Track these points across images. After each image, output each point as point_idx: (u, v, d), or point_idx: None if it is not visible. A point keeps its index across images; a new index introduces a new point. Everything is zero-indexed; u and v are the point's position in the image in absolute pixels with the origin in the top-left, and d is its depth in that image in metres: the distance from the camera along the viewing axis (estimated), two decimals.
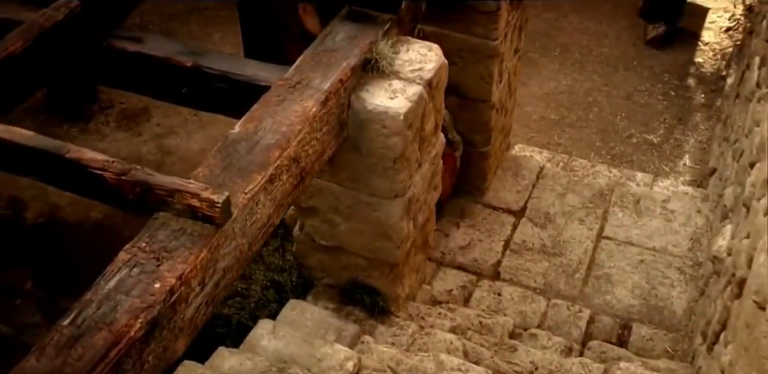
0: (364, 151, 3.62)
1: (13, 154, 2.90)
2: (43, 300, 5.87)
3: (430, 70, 3.67)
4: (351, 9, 3.81)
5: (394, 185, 3.69)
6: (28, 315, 5.75)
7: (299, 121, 3.15)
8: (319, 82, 3.36)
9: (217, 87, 3.78)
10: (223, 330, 4.33)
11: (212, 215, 2.62)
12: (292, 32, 6.38)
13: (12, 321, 5.71)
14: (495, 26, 4.79)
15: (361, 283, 4.16)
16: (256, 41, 6.16)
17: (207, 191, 2.64)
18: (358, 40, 3.62)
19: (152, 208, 2.74)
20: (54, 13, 3.78)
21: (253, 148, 3.01)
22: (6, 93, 3.59)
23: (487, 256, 5.12)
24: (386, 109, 3.45)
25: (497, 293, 4.83)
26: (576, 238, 5.22)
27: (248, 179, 2.87)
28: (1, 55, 3.52)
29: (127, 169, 2.75)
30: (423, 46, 3.82)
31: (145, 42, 3.95)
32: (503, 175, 5.72)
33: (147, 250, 2.59)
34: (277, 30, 6.11)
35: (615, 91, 7.62)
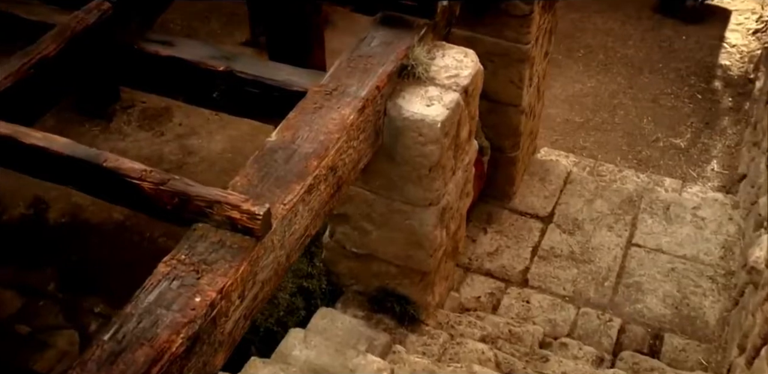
0: (399, 159, 3.56)
1: (50, 162, 2.85)
2: (66, 301, 5.85)
3: (467, 77, 3.61)
4: (386, 14, 3.75)
5: (429, 193, 3.63)
6: (51, 317, 5.73)
7: (337, 129, 3.10)
8: (356, 88, 3.31)
9: (250, 92, 3.73)
10: (249, 337, 4.29)
11: (252, 227, 2.57)
12: (317, 33, 6.36)
13: (35, 322, 5.69)
14: (527, 30, 4.72)
15: (392, 291, 4.11)
16: (281, 42, 6.12)
17: (247, 203, 2.59)
18: (393, 45, 3.56)
19: (190, 219, 2.69)
20: (86, 16, 3.75)
21: (291, 157, 2.96)
22: (39, 96, 3.55)
23: (515, 263, 5.06)
24: (423, 117, 3.39)
25: (526, 300, 4.77)
26: (605, 245, 5.15)
27: (287, 189, 2.82)
28: (35, 58, 3.49)
29: (166, 179, 2.70)
30: (459, 52, 3.76)
31: (177, 45, 3.91)
32: (530, 180, 5.65)
33: (186, 263, 2.54)
34: (302, 31, 6.07)
35: (640, 94, 7.54)
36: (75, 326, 5.66)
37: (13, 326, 5.68)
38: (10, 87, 3.35)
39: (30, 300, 5.87)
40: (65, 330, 5.65)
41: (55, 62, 3.58)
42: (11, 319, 5.75)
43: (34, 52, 3.53)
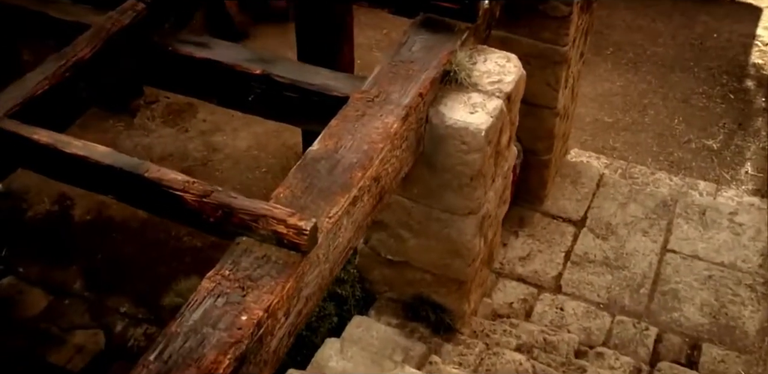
0: (440, 167, 3.48)
1: (90, 171, 2.80)
2: (92, 300, 5.82)
3: (510, 83, 3.53)
4: (426, 16, 3.66)
5: (469, 202, 3.55)
6: (77, 316, 5.70)
7: (380, 138, 3.02)
8: (399, 96, 3.23)
9: (287, 96, 3.65)
10: None
11: (299, 243, 2.51)
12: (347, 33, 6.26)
13: (60, 322, 5.67)
14: (566, 32, 4.62)
15: (427, 299, 4.04)
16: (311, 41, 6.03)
17: (294, 217, 2.52)
18: (435, 50, 3.48)
19: (234, 232, 2.63)
20: (120, 17, 3.69)
21: (335, 168, 2.88)
22: (73, 100, 3.49)
23: (547, 268, 4.98)
24: (466, 125, 3.31)
25: (559, 307, 4.69)
26: (640, 251, 5.06)
27: (331, 202, 2.75)
28: (70, 61, 3.43)
29: (209, 191, 2.64)
30: (501, 57, 3.67)
31: (212, 47, 3.84)
32: (562, 183, 5.56)
33: (231, 279, 2.48)
34: (333, 30, 5.98)
35: (671, 93, 7.41)
36: (101, 325, 5.64)
37: (39, 325, 5.66)
38: (46, 91, 3.29)
39: (56, 298, 5.85)
40: (91, 330, 5.63)
41: (90, 65, 3.52)
42: (37, 318, 5.74)
43: (70, 55, 3.47)
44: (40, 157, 2.93)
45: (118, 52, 3.67)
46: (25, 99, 3.20)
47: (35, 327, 5.62)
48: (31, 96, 3.23)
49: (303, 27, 6.02)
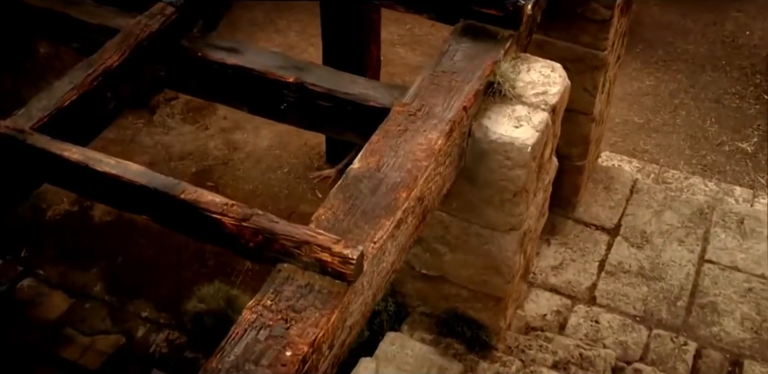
0: (481, 182, 3.35)
1: (123, 191, 2.67)
2: (113, 304, 5.72)
3: (555, 95, 3.38)
4: (467, 23, 3.51)
5: (511, 218, 3.42)
6: (98, 320, 5.61)
7: (425, 155, 2.88)
8: (442, 109, 3.09)
9: (321, 105, 3.52)
10: None
11: (345, 272, 2.38)
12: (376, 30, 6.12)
13: (82, 326, 5.58)
14: (605, 36, 4.46)
15: (462, 315, 3.92)
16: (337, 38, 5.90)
17: (339, 244, 2.40)
18: (478, 60, 3.33)
19: (274, 258, 2.50)
20: (149, 22, 3.55)
21: (378, 188, 2.75)
22: (101, 110, 3.36)
23: (581, 278, 4.84)
24: (512, 140, 3.17)
25: (594, 320, 4.56)
26: (676, 261, 4.91)
27: (376, 225, 2.62)
28: (98, 69, 3.30)
29: (249, 215, 2.51)
30: (545, 66, 3.53)
31: (243, 53, 3.70)
32: (594, 188, 5.42)
33: (273, 310, 2.36)
34: (360, 28, 5.84)
35: (703, 93, 7.23)
36: (122, 331, 5.54)
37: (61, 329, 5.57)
38: (74, 101, 3.17)
39: (77, 301, 5.76)
40: (112, 336, 5.54)
41: (118, 73, 3.39)
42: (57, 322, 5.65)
43: (98, 63, 3.34)
44: (69, 174, 2.81)
45: (146, 59, 3.54)
46: (53, 110, 3.08)
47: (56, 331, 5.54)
48: (59, 107, 3.11)
49: (329, 24, 5.89)
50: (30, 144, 2.81)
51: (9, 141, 2.83)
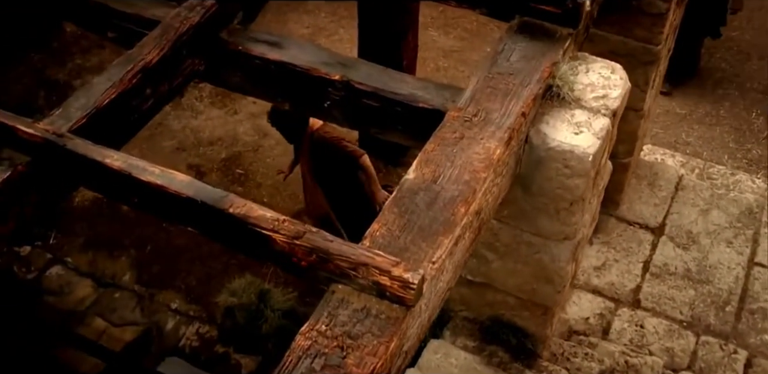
0: (536, 190, 3.19)
1: (168, 202, 2.54)
2: (142, 294, 5.65)
3: (617, 98, 3.20)
4: (523, 20, 3.33)
5: (566, 228, 3.27)
6: (128, 311, 5.54)
7: (483, 166, 2.72)
8: (500, 115, 2.92)
9: (367, 104, 3.36)
10: None
11: (404, 296, 2.25)
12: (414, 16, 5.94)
13: (111, 316, 5.51)
14: (660, 30, 4.27)
15: (507, 322, 3.79)
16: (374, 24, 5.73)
17: (399, 267, 2.26)
18: (536, 61, 3.15)
19: (328, 279, 2.37)
20: (189, 15, 3.39)
21: (435, 202, 2.60)
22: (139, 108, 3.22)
23: (625, 280, 4.69)
24: (572, 148, 3.00)
25: (639, 324, 4.43)
26: (724, 264, 4.75)
27: (434, 243, 2.47)
28: (137, 65, 3.15)
29: (302, 232, 2.37)
30: (604, 67, 3.34)
31: (286, 47, 3.53)
32: (638, 185, 5.24)
33: (329, 336, 2.23)
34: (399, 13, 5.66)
35: (748, 83, 6.99)
36: (151, 322, 5.47)
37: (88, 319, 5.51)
38: (113, 100, 3.03)
39: (106, 291, 5.69)
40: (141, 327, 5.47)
41: (157, 69, 3.24)
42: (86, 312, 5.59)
43: (137, 58, 3.19)
44: (111, 182, 2.68)
45: (186, 53, 3.39)
46: (91, 110, 2.95)
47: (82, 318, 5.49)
48: (97, 107, 2.97)
49: (367, 9, 5.71)
50: (70, 149, 2.68)
51: (48, 145, 2.70)
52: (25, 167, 2.76)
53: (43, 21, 7.77)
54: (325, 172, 5.29)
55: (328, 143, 5.09)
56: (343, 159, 5.13)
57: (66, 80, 7.61)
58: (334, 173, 5.25)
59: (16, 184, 2.74)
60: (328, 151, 5.12)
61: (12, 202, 2.75)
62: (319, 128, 5.12)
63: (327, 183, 5.35)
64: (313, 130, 5.14)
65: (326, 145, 5.10)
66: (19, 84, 7.56)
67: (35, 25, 7.83)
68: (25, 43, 7.80)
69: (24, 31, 7.68)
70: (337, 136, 5.12)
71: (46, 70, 7.75)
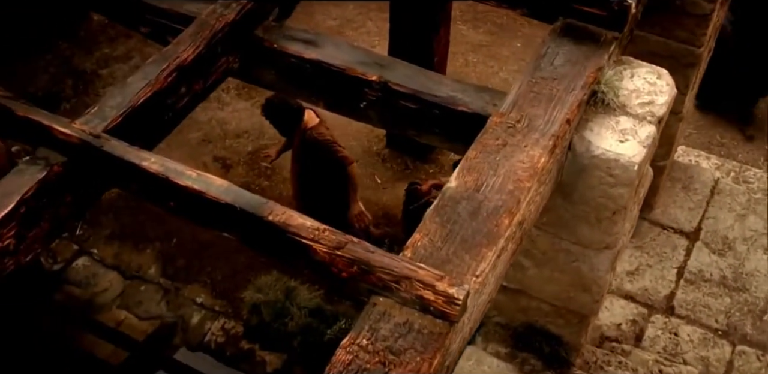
0: (577, 198, 3.12)
1: (204, 207, 2.50)
2: (168, 288, 5.63)
3: (663, 105, 3.12)
4: (567, 22, 3.24)
5: (606, 237, 3.19)
6: (153, 304, 5.52)
7: (527, 175, 2.65)
8: (543, 122, 2.84)
9: (404, 106, 3.29)
10: None
11: (449, 312, 2.19)
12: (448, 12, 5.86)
13: (137, 310, 5.50)
14: (704, 31, 4.15)
15: (540, 329, 3.73)
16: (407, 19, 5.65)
17: (443, 282, 2.20)
18: (581, 66, 3.06)
19: (368, 291, 2.32)
20: (225, 12, 3.33)
21: (478, 212, 2.54)
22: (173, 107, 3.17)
23: (658, 286, 4.61)
24: (617, 157, 2.92)
25: (673, 332, 4.35)
26: (762, 271, 4.65)
27: (477, 255, 2.41)
28: (172, 63, 3.10)
29: (343, 243, 2.32)
30: (650, 72, 3.25)
31: (322, 46, 3.47)
32: (672, 188, 5.14)
33: (370, 351, 2.18)
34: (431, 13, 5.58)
35: None
36: (177, 316, 5.45)
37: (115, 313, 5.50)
38: (148, 98, 2.98)
39: (131, 284, 5.67)
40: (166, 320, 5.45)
41: (193, 66, 3.19)
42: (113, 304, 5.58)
43: (172, 56, 3.14)
44: (147, 184, 2.64)
45: (221, 51, 3.33)
46: (126, 109, 2.90)
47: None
48: (132, 106, 2.92)
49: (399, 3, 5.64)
50: (107, 151, 2.64)
51: (84, 146, 2.66)
52: (60, 167, 2.72)
53: (71, 9, 7.74)
54: (311, 170, 5.29)
55: (320, 145, 5.09)
56: (331, 163, 5.13)
57: (93, 69, 7.58)
58: (320, 174, 5.25)
59: (52, 184, 2.71)
60: (318, 151, 5.11)
61: (47, 203, 2.71)
62: (314, 127, 5.12)
63: (310, 181, 5.36)
64: (307, 128, 5.13)
65: (317, 146, 5.10)
66: (46, 73, 7.54)
67: (63, 14, 7.80)
68: (53, 31, 7.77)
69: (51, 19, 7.66)
70: (330, 140, 5.11)
71: (73, 58, 7.72)
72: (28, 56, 7.54)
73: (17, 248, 2.66)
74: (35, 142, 2.77)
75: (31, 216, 2.67)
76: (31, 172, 2.67)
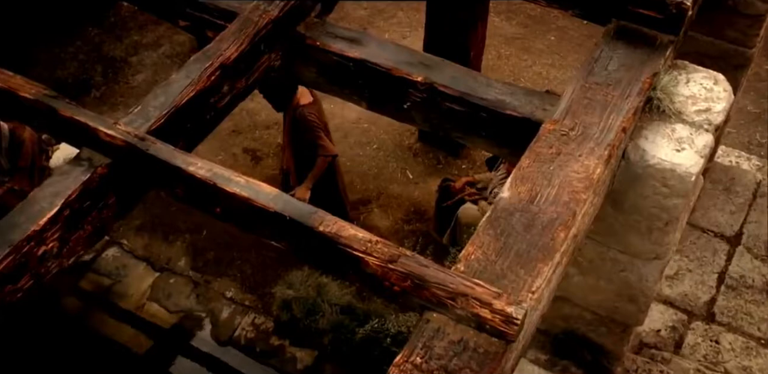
0: (628, 207, 3.03)
1: (252, 215, 2.44)
2: (197, 281, 5.60)
3: (720, 113, 3.01)
4: (621, 25, 3.14)
5: (657, 247, 3.11)
6: (183, 297, 5.51)
7: (583, 187, 2.57)
8: (598, 130, 2.75)
9: (450, 108, 3.21)
10: None
11: (507, 332, 2.12)
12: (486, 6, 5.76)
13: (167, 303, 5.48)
14: (756, 32, 4.04)
15: (582, 337, 3.65)
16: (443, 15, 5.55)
17: (501, 300, 2.13)
18: (636, 71, 2.96)
19: (422, 306, 2.25)
20: (269, 8, 3.25)
21: (532, 224, 2.46)
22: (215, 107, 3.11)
23: (698, 291, 4.52)
24: (673, 167, 2.83)
25: (714, 340, 4.26)
26: None
27: (532, 271, 2.34)
28: (216, 62, 3.03)
29: (396, 256, 2.25)
30: (706, 77, 3.15)
31: (365, 44, 3.38)
32: (713, 190, 5.04)
33: (425, 370, 2.12)
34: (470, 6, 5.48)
35: None
36: (206, 310, 5.43)
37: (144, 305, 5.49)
38: (191, 98, 2.92)
39: (161, 276, 5.65)
40: (196, 314, 5.43)
41: (236, 65, 3.13)
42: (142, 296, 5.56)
43: (215, 54, 3.07)
44: (192, 189, 2.59)
45: (264, 49, 3.26)
46: (170, 109, 2.84)
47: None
48: (176, 106, 2.86)
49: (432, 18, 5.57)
50: (152, 154, 2.58)
51: (130, 149, 2.61)
52: (105, 168, 2.68)
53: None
54: (298, 142, 5.40)
55: (305, 125, 5.19)
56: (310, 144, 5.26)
57: (122, 56, 7.55)
58: (304, 147, 5.36)
59: (96, 186, 2.67)
60: (303, 129, 5.22)
61: (91, 205, 2.67)
62: (306, 106, 5.21)
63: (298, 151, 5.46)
64: (299, 104, 5.20)
65: (303, 125, 5.20)
66: (75, 60, 7.52)
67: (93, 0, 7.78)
68: (83, 17, 7.74)
69: (81, 4, 7.63)
70: (316, 123, 5.22)
71: (103, 45, 7.69)
72: (57, 42, 7.52)
73: (60, 251, 2.61)
74: (79, 142, 2.72)
75: (75, 218, 2.62)
76: (75, 174, 2.62)
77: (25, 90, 2.73)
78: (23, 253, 2.46)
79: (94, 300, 5.52)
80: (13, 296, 2.48)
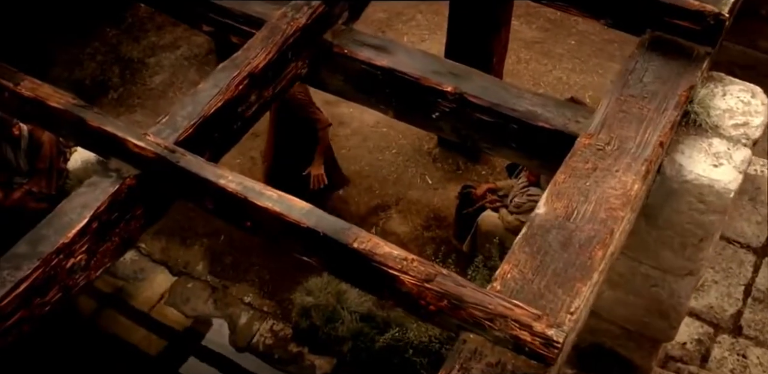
0: (662, 222, 2.98)
1: (286, 230, 2.40)
2: (215, 285, 5.57)
3: (759, 127, 2.96)
4: (656, 36, 3.08)
5: (691, 264, 3.05)
6: (200, 302, 5.47)
7: (620, 203, 2.52)
8: (635, 145, 2.70)
9: (480, 119, 3.16)
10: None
11: (547, 355, 2.07)
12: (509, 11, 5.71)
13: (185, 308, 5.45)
14: None
15: (610, 351, 3.60)
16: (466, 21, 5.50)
17: (541, 322, 2.08)
18: (672, 84, 2.91)
19: (458, 326, 2.21)
20: (297, 16, 3.21)
21: (569, 242, 2.41)
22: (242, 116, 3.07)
23: (724, 304, 4.46)
24: (711, 183, 2.78)
25: (741, 354, 4.20)
26: None
27: (571, 290, 2.29)
28: (244, 70, 2.99)
29: (433, 275, 2.21)
30: (743, 90, 3.09)
31: (393, 53, 3.34)
32: (739, 200, 4.96)
33: None
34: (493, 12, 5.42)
35: None
36: (224, 315, 5.40)
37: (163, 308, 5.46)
38: (220, 107, 2.88)
39: (179, 280, 5.62)
40: (215, 320, 5.40)
41: (264, 73, 3.08)
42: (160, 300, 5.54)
43: (243, 63, 3.03)
44: (222, 202, 2.55)
45: (291, 57, 3.22)
46: (198, 119, 2.80)
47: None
48: (204, 116, 2.83)
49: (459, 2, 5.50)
50: (182, 166, 2.55)
51: (159, 160, 2.57)
52: (133, 180, 2.64)
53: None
54: (285, 128, 5.35)
55: (295, 103, 5.14)
56: (304, 122, 5.21)
57: (140, 57, 7.51)
58: (293, 132, 5.31)
59: (124, 197, 2.63)
60: (294, 109, 5.16)
61: (119, 217, 2.64)
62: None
63: (283, 138, 5.42)
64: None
65: (294, 104, 5.14)
66: (93, 61, 7.49)
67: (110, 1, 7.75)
68: (100, 18, 7.72)
69: (99, 5, 7.61)
70: (307, 99, 5.18)
71: (120, 46, 7.66)
72: (75, 43, 7.50)
73: (88, 264, 2.58)
74: (107, 152, 2.69)
75: (103, 230, 2.59)
76: (104, 186, 2.59)
77: (53, 99, 2.69)
78: (52, 266, 2.43)
79: (110, 302, 5.50)
80: (42, 309, 2.45)
